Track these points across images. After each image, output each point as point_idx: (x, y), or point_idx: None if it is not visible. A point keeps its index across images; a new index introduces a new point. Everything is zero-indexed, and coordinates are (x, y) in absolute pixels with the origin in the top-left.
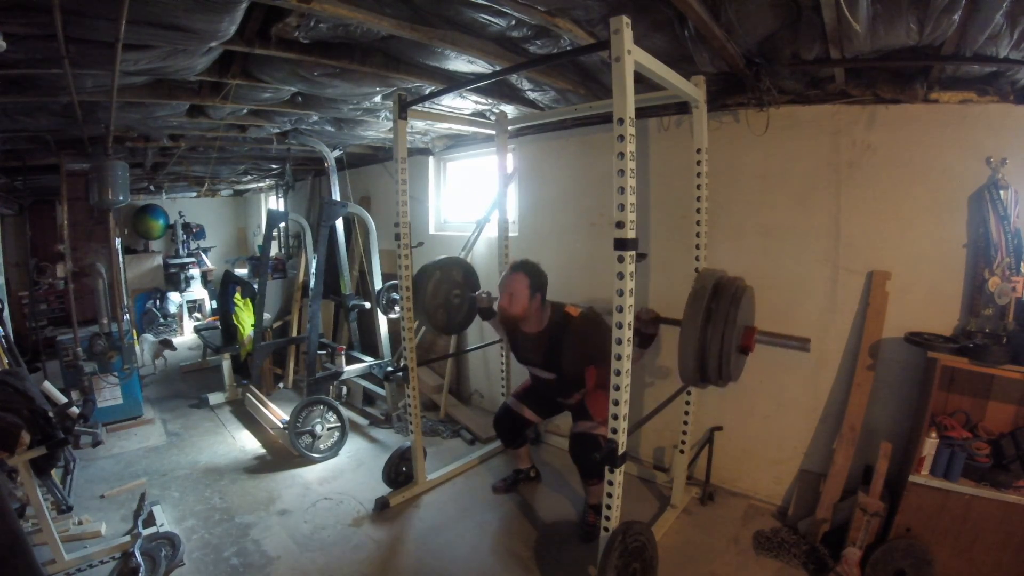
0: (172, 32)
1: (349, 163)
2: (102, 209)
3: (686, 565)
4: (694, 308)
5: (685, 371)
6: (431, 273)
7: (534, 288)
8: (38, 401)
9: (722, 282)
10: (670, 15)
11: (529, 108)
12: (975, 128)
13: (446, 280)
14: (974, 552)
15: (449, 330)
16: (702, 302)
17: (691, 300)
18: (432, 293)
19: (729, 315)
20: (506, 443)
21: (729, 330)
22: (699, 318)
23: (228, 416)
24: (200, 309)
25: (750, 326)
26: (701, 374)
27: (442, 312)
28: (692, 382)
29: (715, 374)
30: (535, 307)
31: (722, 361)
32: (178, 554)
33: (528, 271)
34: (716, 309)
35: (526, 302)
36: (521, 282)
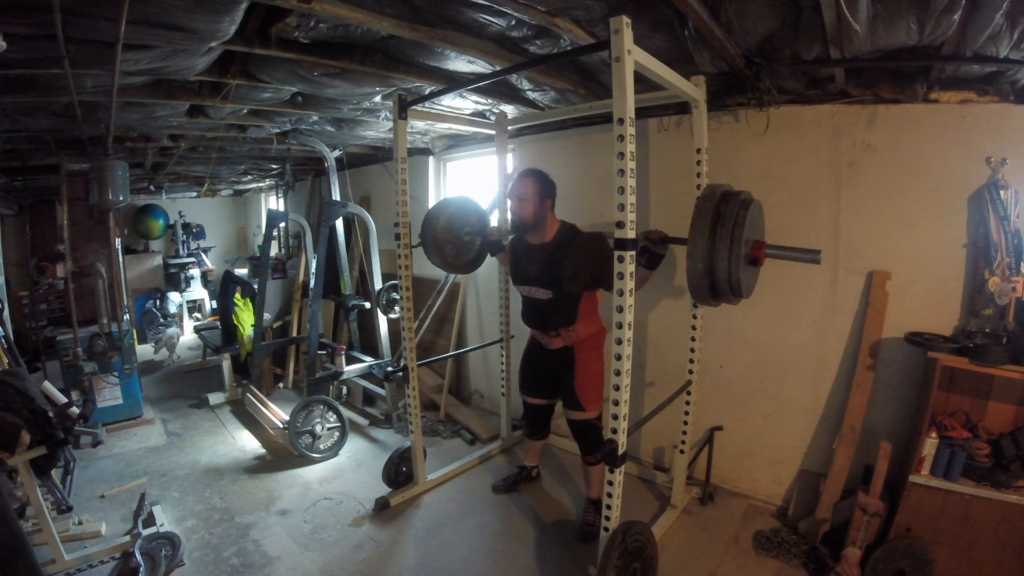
0: (172, 32)
1: (349, 163)
2: (102, 209)
3: (686, 565)
4: (702, 213)
5: (694, 280)
6: (446, 206)
7: (543, 192)
8: (38, 401)
9: (730, 191)
10: (670, 15)
11: (529, 108)
12: (975, 128)
13: (459, 217)
14: (974, 552)
15: (455, 267)
16: (710, 206)
17: (698, 205)
18: (444, 228)
19: (738, 218)
20: (530, 433)
21: (738, 234)
22: (707, 222)
23: (228, 416)
24: (200, 309)
25: (759, 239)
26: (711, 285)
27: (451, 248)
28: (702, 296)
29: (725, 287)
30: (544, 212)
31: (731, 271)
32: (178, 554)
33: (537, 176)
34: (724, 213)
35: (536, 205)
36: (531, 185)
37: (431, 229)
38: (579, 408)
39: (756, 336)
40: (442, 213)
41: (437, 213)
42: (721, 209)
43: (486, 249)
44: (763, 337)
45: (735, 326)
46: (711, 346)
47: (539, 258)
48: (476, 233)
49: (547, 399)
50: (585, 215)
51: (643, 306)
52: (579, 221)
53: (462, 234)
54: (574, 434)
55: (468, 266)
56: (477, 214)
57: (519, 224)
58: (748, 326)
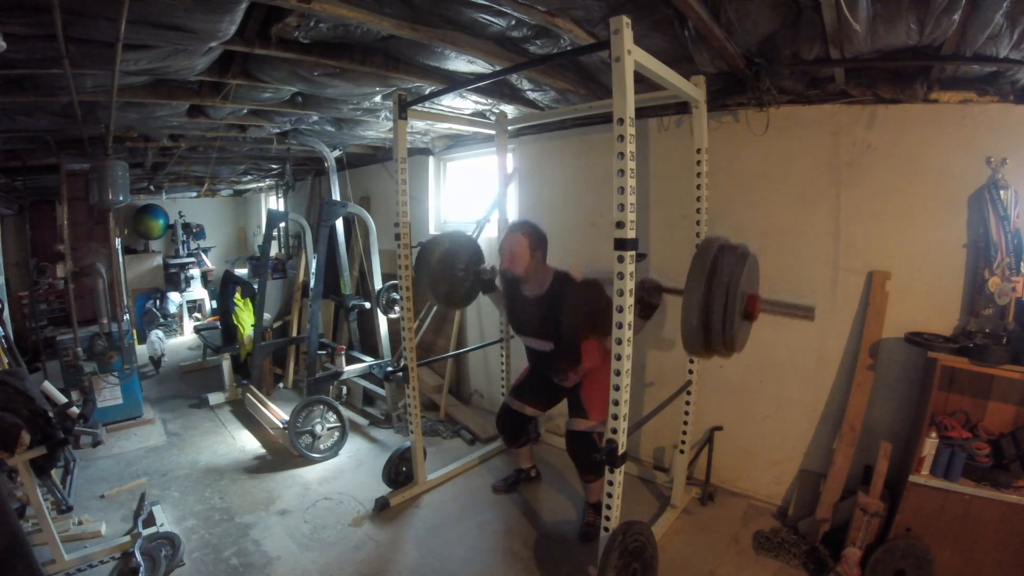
0: (172, 32)
1: (349, 163)
2: (102, 209)
3: (686, 565)
4: (699, 264)
5: (687, 331)
6: (441, 243)
7: (534, 246)
8: (38, 401)
9: (727, 245)
10: (670, 15)
11: (529, 108)
12: (975, 128)
13: (453, 252)
14: (974, 552)
15: (450, 302)
16: (708, 257)
17: (696, 257)
18: (438, 261)
19: (734, 272)
20: (509, 442)
21: (734, 287)
22: (703, 275)
23: (228, 416)
24: (200, 309)
25: (754, 293)
26: (705, 335)
27: (444, 284)
28: (696, 348)
29: (719, 339)
30: (536, 265)
31: (726, 324)
32: (178, 554)
33: (527, 231)
34: (720, 266)
35: (527, 260)
36: (521, 241)
37: (425, 265)
38: (583, 415)
39: (756, 336)
40: (436, 249)
41: (431, 249)
42: (717, 263)
43: (479, 287)
44: (763, 337)
45: None
46: None
47: (536, 310)
48: (470, 270)
49: (541, 409)
50: (585, 215)
51: None
52: (580, 221)
53: (456, 270)
54: (571, 447)
55: (462, 301)
56: (471, 250)
57: (512, 280)
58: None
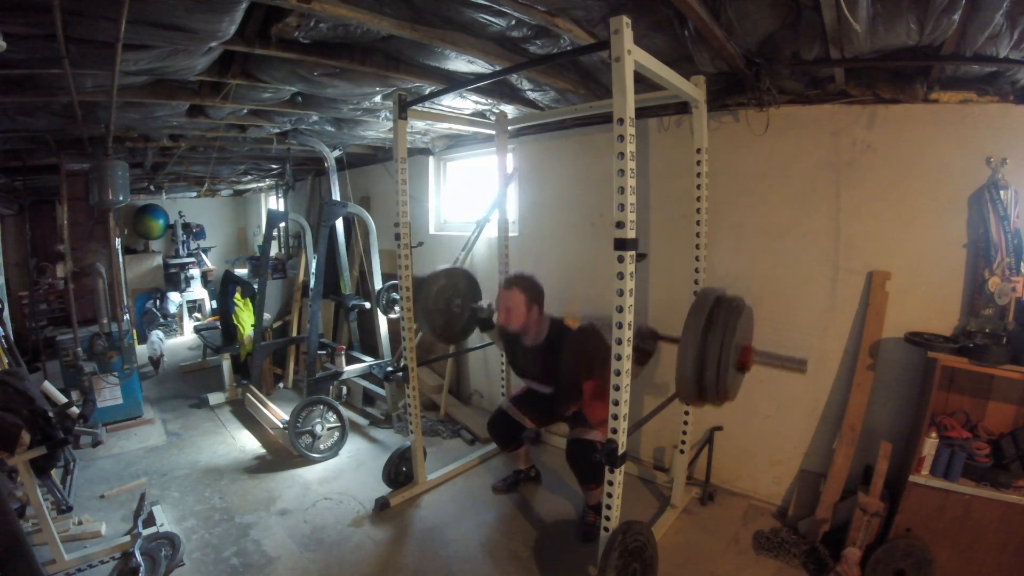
0: (172, 32)
1: (349, 163)
2: (102, 209)
3: (686, 565)
4: (695, 319)
5: (682, 382)
6: (436, 279)
7: (530, 302)
8: (38, 401)
9: (723, 298)
10: (670, 15)
11: (529, 108)
12: (975, 128)
13: (449, 288)
14: (974, 552)
15: (447, 338)
16: (704, 311)
17: (692, 312)
18: (435, 298)
19: (729, 325)
20: (502, 446)
21: (728, 341)
22: (699, 327)
23: (228, 416)
24: (200, 309)
25: (748, 344)
26: (698, 388)
27: (441, 318)
28: (689, 397)
29: (712, 389)
30: (533, 320)
31: (720, 376)
32: (178, 554)
33: (524, 286)
34: (716, 319)
35: (524, 316)
36: (517, 297)
37: (422, 299)
38: (587, 425)
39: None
40: (433, 284)
41: (428, 284)
42: (715, 312)
43: (476, 325)
44: (763, 337)
45: None
46: None
47: (534, 358)
48: (466, 306)
49: (540, 425)
50: (585, 215)
51: (643, 306)
52: (580, 221)
53: (452, 305)
54: (571, 456)
55: (459, 336)
56: (466, 280)
57: (509, 335)
58: None
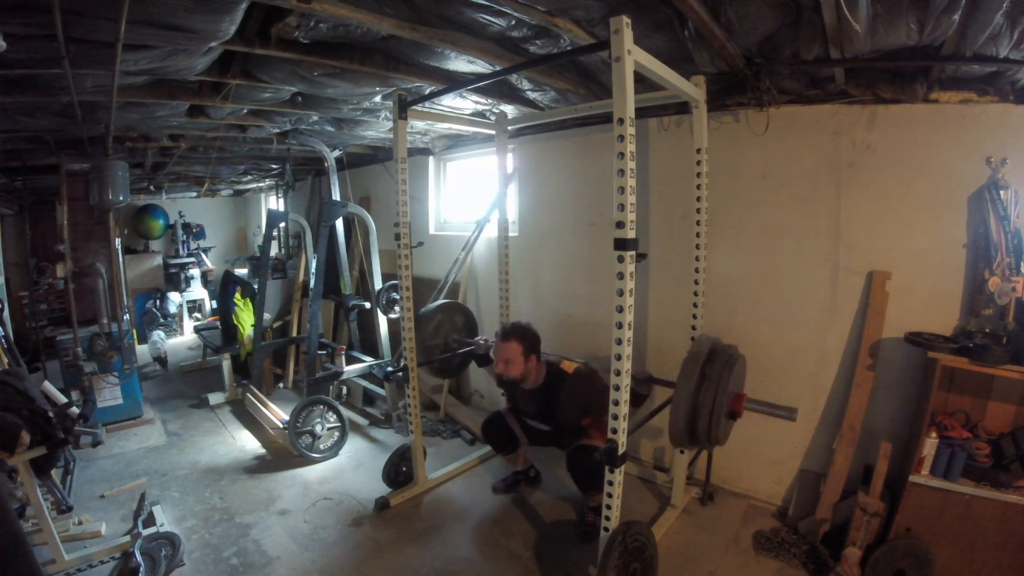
0: (172, 32)
1: (349, 163)
2: (102, 209)
3: (686, 565)
4: (689, 371)
5: (676, 431)
6: (433, 315)
7: (528, 351)
8: (38, 401)
9: (716, 347)
10: (670, 15)
11: (529, 108)
12: (975, 128)
13: (447, 323)
14: (974, 552)
15: (445, 373)
16: (697, 365)
17: (686, 363)
18: (432, 334)
19: (722, 380)
20: (497, 449)
21: (721, 394)
22: (693, 381)
23: (228, 416)
24: (200, 309)
25: (740, 392)
26: (691, 435)
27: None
28: (681, 443)
29: (704, 436)
30: (531, 368)
31: (712, 425)
32: (178, 554)
33: (520, 336)
34: (710, 374)
35: (522, 366)
36: (515, 348)
37: (419, 337)
38: (585, 436)
39: (756, 336)
40: (430, 321)
41: (425, 322)
42: (708, 367)
43: (473, 360)
44: (763, 337)
45: (735, 326)
46: None
47: (534, 400)
48: (463, 341)
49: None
50: (585, 215)
51: (643, 306)
52: (579, 222)
53: (450, 340)
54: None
55: (454, 371)
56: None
57: (508, 384)
58: (748, 326)
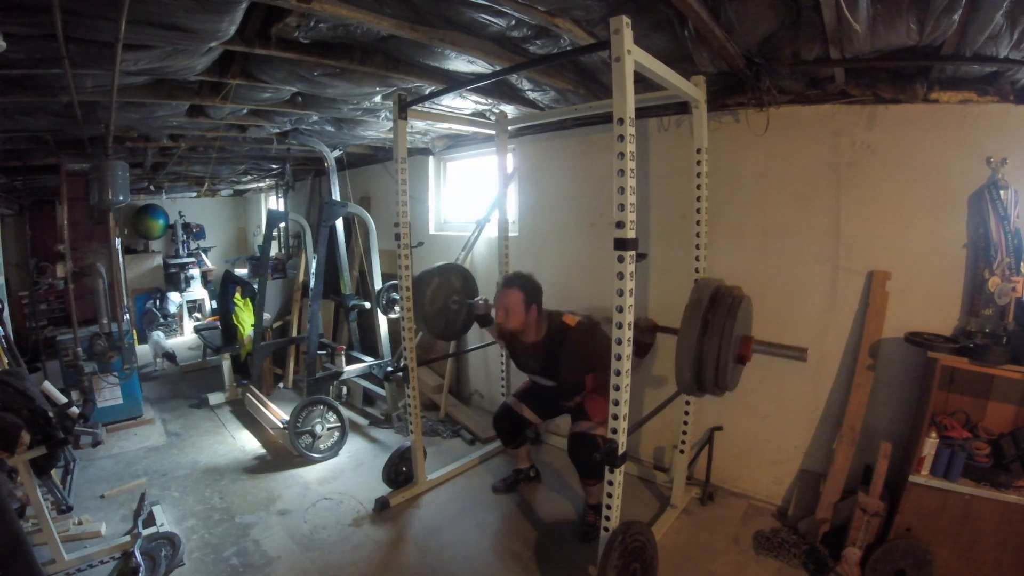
0: (172, 32)
1: (349, 163)
2: (102, 209)
3: (686, 565)
4: (691, 320)
5: (682, 381)
6: (429, 279)
7: (529, 301)
8: (38, 401)
9: (719, 292)
10: (670, 15)
11: (529, 108)
12: (975, 128)
13: (444, 286)
14: (974, 552)
15: (447, 336)
16: (699, 313)
17: (688, 311)
18: (431, 299)
19: (726, 327)
20: (505, 442)
21: (726, 341)
22: (696, 330)
23: (228, 416)
24: (200, 309)
25: (747, 336)
26: (698, 384)
27: (440, 318)
28: (689, 392)
29: (711, 384)
30: (532, 319)
31: (719, 371)
32: (178, 554)
33: (521, 285)
34: (713, 320)
35: (522, 316)
36: (516, 296)
37: (418, 301)
38: (587, 419)
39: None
40: (426, 287)
41: (421, 287)
42: (710, 314)
43: (474, 321)
44: (763, 337)
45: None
46: None
47: (535, 355)
48: (463, 301)
49: (542, 418)
50: (585, 215)
51: (643, 306)
52: (579, 221)
53: (450, 303)
54: (573, 451)
55: (457, 333)
56: (460, 277)
57: (508, 335)
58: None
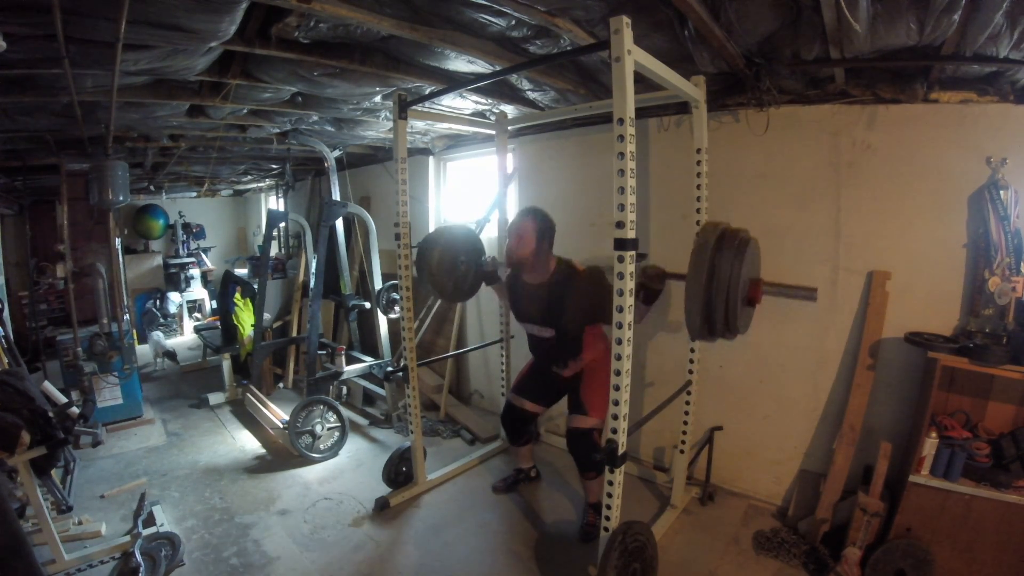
0: (172, 32)
1: (349, 163)
2: (102, 209)
3: (686, 565)
4: (698, 263)
5: (692, 326)
6: (438, 239)
7: (541, 232)
8: (38, 401)
9: (726, 234)
10: (670, 15)
11: (529, 108)
12: (975, 128)
13: (452, 247)
14: (974, 552)
15: (455, 297)
16: (706, 255)
17: (695, 254)
18: (438, 260)
19: (733, 270)
20: (511, 439)
21: (734, 283)
22: (703, 273)
23: (228, 416)
24: (200, 309)
25: (756, 278)
26: (708, 328)
27: (448, 279)
28: (700, 336)
29: (722, 327)
30: (542, 252)
31: (728, 315)
32: (178, 554)
33: (536, 216)
34: (720, 264)
35: (533, 245)
36: (529, 226)
37: (425, 263)
38: (583, 413)
39: (756, 336)
40: (433, 248)
41: (428, 248)
42: (717, 257)
43: (482, 279)
44: (763, 337)
45: None
46: (711, 346)
47: (538, 298)
48: (471, 261)
49: (543, 407)
50: (585, 215)
51: None
52: (579, 221)
53: (457, 264)
54: (572, 446)
55: (466, 295)
56: (470, 242)
57: (516, 264)
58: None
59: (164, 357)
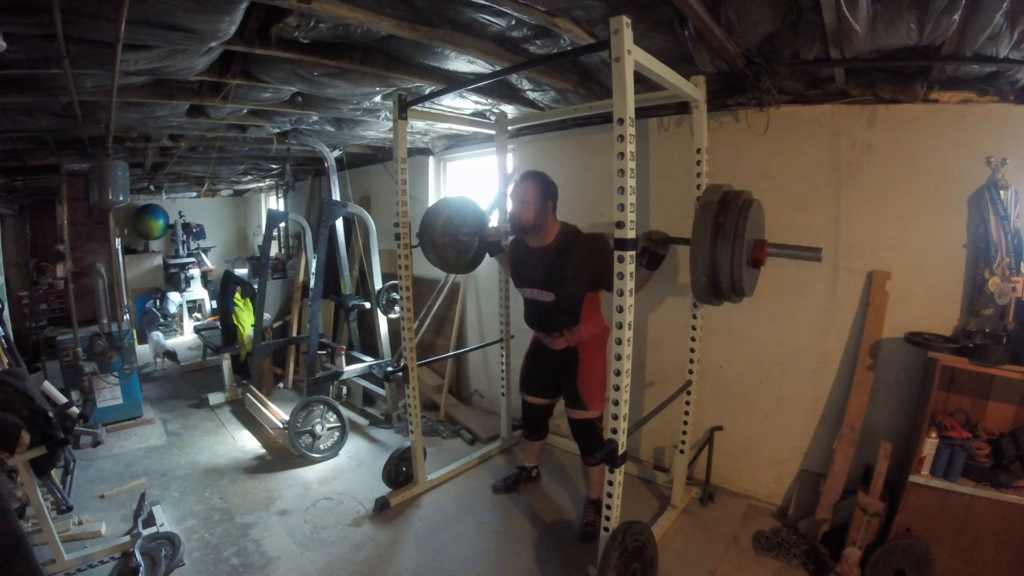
0: (172, 32)
1: (349, 163)
2: (102, 209)
3: (686, 565)
4: (702, 223)
5: (698, 289)
6: (443, 209)
7: (544, 195)
8: (38, 401)
9: (729, 195)
10: (670, 15)
11: (529, 108)
12: (975, 128)
13: (456, 218)
14: (974, 552)
15: (457, 268)
16: (709, 216)
17: (698, 215)
18: (442, 230)
19: (738, 228)
20: (526, 433)
21: (739, 243)
22: (707, 233)
23: (228, 416)
24: (200, 309)
25: (760, 239)
26: (714, 291)
27: (451, 250)
28: (705, 299)
29: (728, 289)
30: (546, 215)
31: (734, 276)
32: (178, 554)
33: (538, 179)
34: (724, 224)
35: (537, 207)
36: (533, 188)
37: (429, 232)
38: (581, 407)
39: (756, 336)
40: (440, 215)
41: (435, 215)
42: (721, 216)
43: (485, 250)
44: (763, 337)
45: (735, 326)
46: (711, 346)
47: (540, 261)
48: (474, 233)
49: (548, 399)
50: (585, 215)
51: (643, 306)
52: (579, 221)
53: (460, 235)
54: (574, 434)
55: (468, 266)
56: (475, 214)
57: (519, 227)
58: (748, 326)
59: (164, 357)
